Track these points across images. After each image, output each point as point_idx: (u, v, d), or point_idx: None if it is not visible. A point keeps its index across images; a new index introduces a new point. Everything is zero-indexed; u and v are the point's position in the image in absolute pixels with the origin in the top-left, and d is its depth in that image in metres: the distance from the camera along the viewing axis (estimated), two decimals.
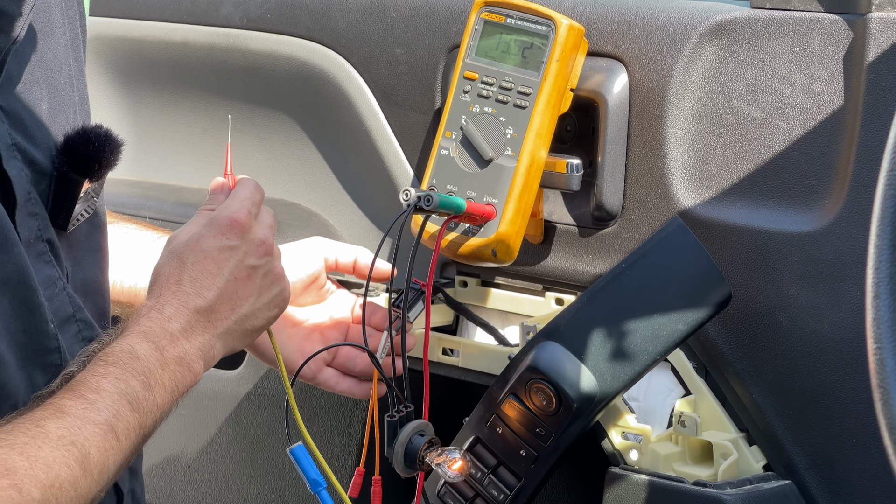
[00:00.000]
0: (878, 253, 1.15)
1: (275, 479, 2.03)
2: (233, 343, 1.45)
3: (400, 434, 1.54)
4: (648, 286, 1.58)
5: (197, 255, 1.44)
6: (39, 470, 1.20)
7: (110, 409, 1.28)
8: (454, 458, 1.54)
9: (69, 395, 1.28)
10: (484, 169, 1.67)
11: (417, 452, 1.53)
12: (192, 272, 1.43)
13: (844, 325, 1.54)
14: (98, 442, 1.25)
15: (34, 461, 1.20)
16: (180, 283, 1.42)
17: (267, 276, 1.48)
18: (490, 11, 1.69)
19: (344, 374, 1.72)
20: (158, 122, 2.17)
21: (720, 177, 1.63)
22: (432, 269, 1.60)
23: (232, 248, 1.45)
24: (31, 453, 1.20)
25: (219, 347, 1.43)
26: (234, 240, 1.46)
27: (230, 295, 1.44)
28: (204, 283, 1.43)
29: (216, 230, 1.46)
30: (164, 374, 1.35)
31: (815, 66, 1.58)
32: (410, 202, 1.54)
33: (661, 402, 1.69)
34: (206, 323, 1.41)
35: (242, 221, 1.47)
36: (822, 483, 1.59)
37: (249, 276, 1.46)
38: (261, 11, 2.01)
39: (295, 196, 2.05)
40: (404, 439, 1.53)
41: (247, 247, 1.47)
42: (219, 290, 1.43)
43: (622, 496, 1.62)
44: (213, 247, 1.45)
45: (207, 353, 1.41)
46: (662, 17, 1.67)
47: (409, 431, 1.54)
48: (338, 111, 1.95)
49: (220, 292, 1.43)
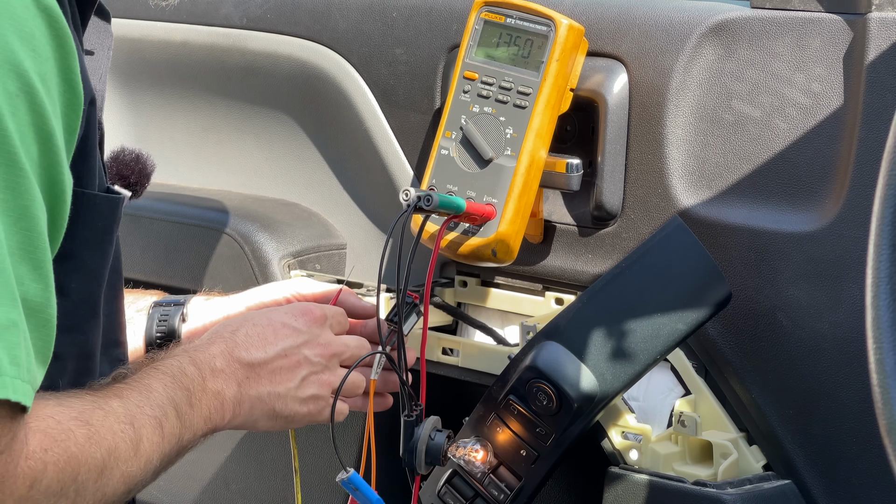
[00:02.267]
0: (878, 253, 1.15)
1: (275, 479, 2.03)
2: (256, 415, 1.48)
3: (419, 432, 1.54)
4: (648, 286, 1.58)
5: (262, 319, 1.51)
6: (106, 433, 1.25)
7: (161, 409, 1.33)
8: (476, 448, 1.56)
9: (126, 387, 1.33)
10: (484, 169, 1.67)
11: (440, 449, 1.54)
12: (250, 331, 1.50)
13: (844, 325, 1.54)
14: (149, 433, 1.31)
15: (101, 426, 1.25)
16: (234, 334, 1.48)
17: (314, 375, 1.53)
18: (490, 11, 1.69)
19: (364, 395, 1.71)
20: (158, 121, 2.17)
21: (720, 177, 1.63)
22: (432, 268, 1.60)
23: (295, 330, 1.52)
24: (99, 420, 1.25)
25: (245, 408, 1.46)
26: (300, 325, 1.53)
27: (274, 368, 1.49)
28: (256, 343, 1.49)
29: (290, 310, 1.54)
30: (203, 398, 1.41)
31: (815, 66, 1.58)
32: (410, 202, 1.54)
33: (661, 401, 1.69)
34: (243, 377, 1.46)
35: (316, 315, 1.54)
36: (822, 483, 1.59)
37: (299, 364, 1.51)
38: (261, 11, 2.01)
39: (295, 196, 2.05)
40: (425, 436, 1.54)
41: (309, 338, 1.53)
42: (266, 357, 1.49)
43: (622, 496, 1.62)
44: (279, 321, 1.52)
45: (236, 407, 1.45)
46: (662, 17, 1.67)
47: (428, 428, 1.55)
48: (338, 111, 1.95)
49: (266, 359, 1.49)
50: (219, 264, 2.00)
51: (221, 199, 2.06)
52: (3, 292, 1.14)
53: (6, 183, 1.15)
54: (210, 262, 2.01)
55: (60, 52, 1.20)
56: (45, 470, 1.17)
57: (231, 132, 2.10)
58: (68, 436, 1.21)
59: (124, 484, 1.27)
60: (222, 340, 1.47)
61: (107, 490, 1.24)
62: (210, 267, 2.01)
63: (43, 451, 1.18)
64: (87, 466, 1.21)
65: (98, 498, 1.23)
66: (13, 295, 1.14)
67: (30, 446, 1.17)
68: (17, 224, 1.15)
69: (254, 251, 1.97)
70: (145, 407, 1.32)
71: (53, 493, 1.18)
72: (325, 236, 2.00)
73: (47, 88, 1.18)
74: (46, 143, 1.18)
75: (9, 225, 1.15)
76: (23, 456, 1.16)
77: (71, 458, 1.20)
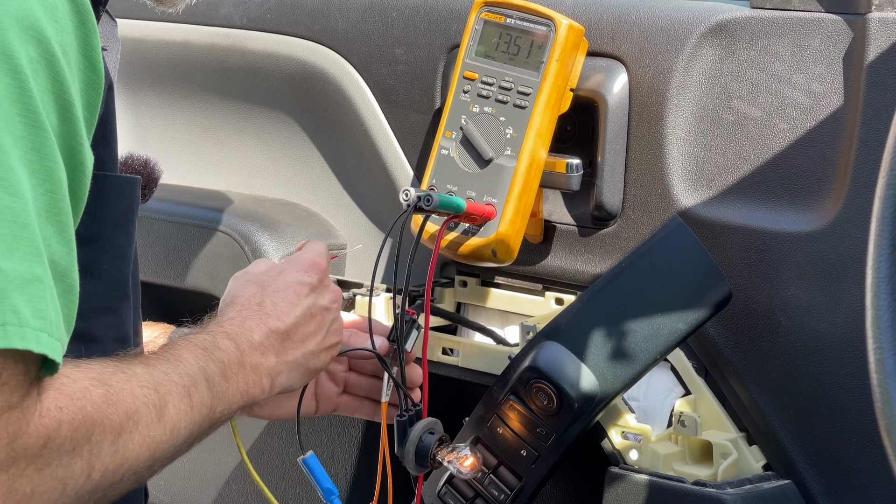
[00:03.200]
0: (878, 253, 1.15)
1: (275, 479, 2.03)
2: (292, 378, 1.48)
3: (410, 433, 1.54)
4: (648, 286, 1.58)
5: (279, 283, 1.51)
6: (126, 395, 1.23)
7: (190, 378, 1.32)
8: (465, 454, 1.55)
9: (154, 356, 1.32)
10: (484, 169, 1.67)
11: (429, 450, 1.54)
12: (274, 298, 1.49)
13: (844, 325, 1.54)
14: (175, 400, 1.29)
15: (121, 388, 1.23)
16: (262, 305, 1.48)
17: (334, 322, 1.54)
18: (490, 11, 1.69)
19: (361, 399, 1.71)
20: (158, 121, 2.17)
21: (720, 177, 1.63)
22: (432, 268, 1.60)
23: (311, 286, 1.53)
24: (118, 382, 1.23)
25: (283, 377, 1.47)
26: (313, 278, 1.53)
27: (303, 328, 1.50)
28: (284, 309, 1.49)
29: (298, 267, 1.54)
30: (240, 373, 1.40)
31: (815, 66, 1.58)
32: (410, 202, 1.54)
33: (661, 401, 1.69)
34: (279, 347, 1.46)
35: (322, 265, 1.55)
36: (822, 483, 1.59)
37: (322, 318, 1.52)
38: (261, 11, 2.01)
39: (295, 196, 2.05)
40: (415, 438, 1.54)
41: (323, 289, 1.54)
42: (296, 319, 1.49)
43: (622, 496, 1.62)
44: (295, 280, 1.52)
45: (275, 378, 1.45)
46: (662, 17, 1.67)
47: (419, 430, 1.54)
48: (338, 111, 1.95)
49: (296, 321, 1.49)
50: (219, 264, 2.00)
51: (221, 199, 2.06)
52: (29, 248, 1.12)
53: (32, 144, 1.14)
54: (210, 262, 2.01)
55: (82, 28, 1.20)
56: (59, 428, 1.15)
57: (231, 132, 2.10)
58: (84, 395, 1.18)
59: (148, 449, 1.24)
60: (253, 314, 1.47)
61: (128, 454, 1.22)
62: (210, 267, 2.01)
63: (57, 408, 1.15)
64: (102, 427, 1.19)
65: (118, 462, 1.21)
66: (39, 251, 1.13)
67: (44, 403, 1.15)
68: (42, 185, 1.14)
69: (254, 251, 1.97)
70: (172, 374, 1.30)
71: (66, 451, 1.16)
72: (325, 236, 2.00)
73: (67, 60, 1.18)
74: (65, 113, 1.18)
75: (36, 185, 1.14)
76: (37, 413, 1.14)
77: (86, 418, 1.18)
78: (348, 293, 1.90)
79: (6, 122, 1.12)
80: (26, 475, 1.13)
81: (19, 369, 1.12)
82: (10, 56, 1.12)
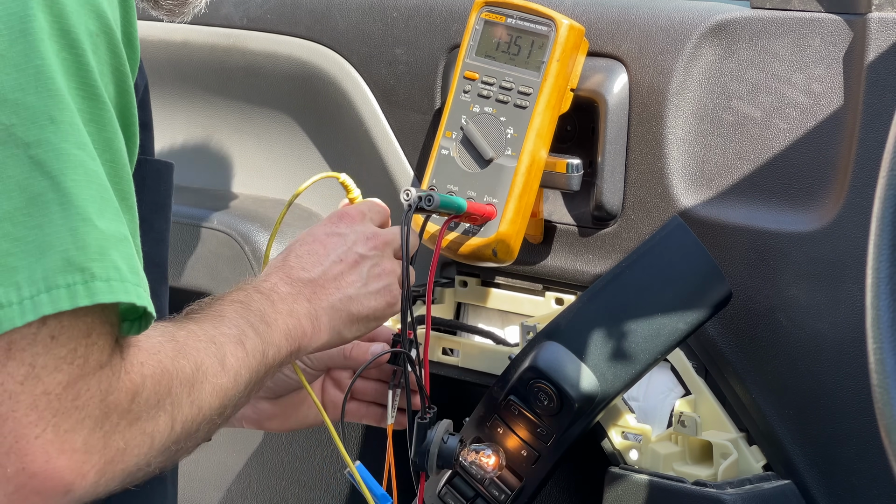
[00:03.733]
0: (878, 253, 1.15)
1: (275, 478, 2.03)
2: (339, 323, 1.49)
3: (432, 436, 1.54)
4: (649, 285, 1.58)
5: (305, 238, 1.52)
6: (191, 349, 1.26)
7: (238, 327, 1.34)
8: (488, 454, 1.56)
9: (198, 314, 1.35)
10: (484, 169, 1.67)
11: (453, 453, 1.54)
12: (299, 252, 1.50)
13: (844, 325, 1.54)
14: (231, 349, 1.31)
15: (185, 343, 1.26)
16: (286, 261, 1.49)
17: (375, 267, 1.53)
18: (490, 11, 1.69)
19: (368, 404, 1.70)
20: (159, 121, 2.16)
21: (720, 177, 1.64)
22: (433, 268, 1.60)
23: (341, 235, 1.53)
24: (182, 338, 1.26)
25: (325, 321, 1.47)
26: (343, 228, 1.54)
27: (336, 275, 1.50)
28: (309, 260, 1.50)
29: (327, 220, 1.55)
30: (278, 318, 1.41)
31: (815, 66, 1.58)
32: (411, 202, 1.54)
33: (661, 402, 1.69)
34: (310, 293, 1.47)
35: (353, 214, 1.55)
36: (822, 483, 1.59)
37: (357, 263, 1.52)
38: (261, 11, 2.01)
39: None
40: (437, 440, 1.54)
41: (356, 236, 1.53)
42: (324, 269, 1.49)
43: (622, 496, 1.62)
44: (322, 232, 1.53)
45: (315, 321, 1.46)
46: (662, 17, 1.67)
47: (440, 432, 1.55)
48: (338, 111, 1.95)
49: (325, 270, 1.49)
50: (219, 264, 2.00)
51: (221, 199, 2.06)
52: (114, 209, 1.15)
53: (91, 116, 1.15)
54: (210, 262, 2.01)
55: (124, 7, 1.22)
56: (144, 383, 1.18)
57: (231, 132, 2.10)
58: (159, 349, 1.21)
59: (217, 397, 1.27)
60: (277, 270, 1.48)
61: (202, 404, 1.25)
62: (210, 267, 2.01)
63: (140, 364, 1.18)
64: (178, 379, 1.22)
65: (194, 412, 1.24)
66: (119, 213, 1.15)
67: (128, 360, 1.17)
68: (103, 156, 1.16)
69: (254, 251, 1.97)
70: (222, 327, 1.33)
71: (152, 405, 1.19)
72: None
73: (118, 36, 1.20)
74: (122, 86, 1.20)
75: (97, 156, 1.15)
76: (123, 369, 1.16)
77: (165, 371, 1.21)
78: None
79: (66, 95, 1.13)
80: (119, 430, 1.16)
81: (107, 329, 1.15)
82: (68, 31, 1.14)
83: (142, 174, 1.31)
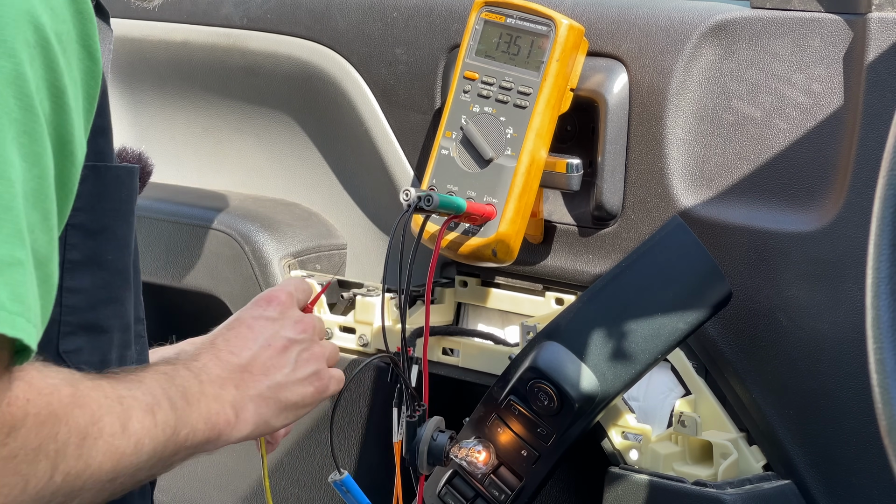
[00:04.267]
0: (878, 253, 1.15)
1: (275, 479, 2.03)
2: (266, 412, 1.43)
3: (421, 432, 1.54)
4: (649, 285, 1.58)
5: (233, 322, 1.46)
6: (91, 401, 1.21)
7: (153, 397, 1.29)
8: (478, 450, 1.55)
9: (115, 374, 1.30)
10: (484, 169, 1.67)
11: (443, 449, 1.54)
12: (226, 336, 1.45)
13: (844, 325, 1.54)
14: (139, 414, 1.26)
15: (87, 393, 1.21)
16: (214, 344, 1.43)
17: (304, 351, 1.47)
18: (490, 11, 1.69)
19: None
20: (159, 121, 2.17)
21: (720, 177, 1.64)
22: (432, 268, 1.60)
23: (269, 319, 1.47)
24: (85, 388, 1.21)
25: (251, 410, 1.41)
26: (272, 312, 1.47)
27: (264, 360, 1.44)
28: (237, 344, 1.44)
29: (254, 304, 1.48)
30: (202, 399, 1.36)
31: (815, 66, 1.58)
32: (411, 202, 1.54)
33: (661, 402, 1.69)
34: (238, 380, 1.41)
35: (282, 298, 1.49)
36: (822, 483, 1.59)
37: (286, 348, 1.46)
38: (261, 11, 2.01)
39: (295, 196, 2.05)
40: (427, 437, 1.54)
41: (285, 321, 1.47)
42: (252, 353, 1.43)
43: (622, 496, 1.62)
44: (250, 316, 1.47)
45: (240, 410, 1.40)
46: (662, 17, 1.67)
47: (430, 429, 1.54)
48: (338, 111, 1.95)
49: (253, 355, 1.43)
50: (219, 264, 2.00)
51: (221, 199, 2.06)
52: (11, 231, 1.10)
53: (24, 127, 1.13)
54: (210, 262, 2.01)
55: (79, 17, 1.19)
56: (26, 419, 1.13)
57: (231, 132, 2.10)
58: (52, 391, 1.17)
59: (111, 459, 1.22)
60: (206, 351, 1.43)
61: (91, 461, 1.20)
62: (210, 267, 2.01)
63: (25, 400, 1.14)
64: (68, 427, 1.17)
65: (81, 467, 1.19)
66: (22, 235, 1.11)
67: (13, 392, 1.13)
68: (31, 170, 1.13)
69: (254, 251, 1.97)
70: (135, 391, 1.27)
71: (32, 447, 1.14)
72: (326, 236, 2.00)
73: (63, 48, 1.17)
74: (58, 101, 1.17)
75: (25, 170, 1.12)
76: (5, 401, 1.12)
77: (52, 414, 1.16)
78: (348, 293, 1.90)
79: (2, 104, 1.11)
80: None
81: None
82: (5, 40, 1.12)
83: (102, 182, 1.28)
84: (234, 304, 1.98)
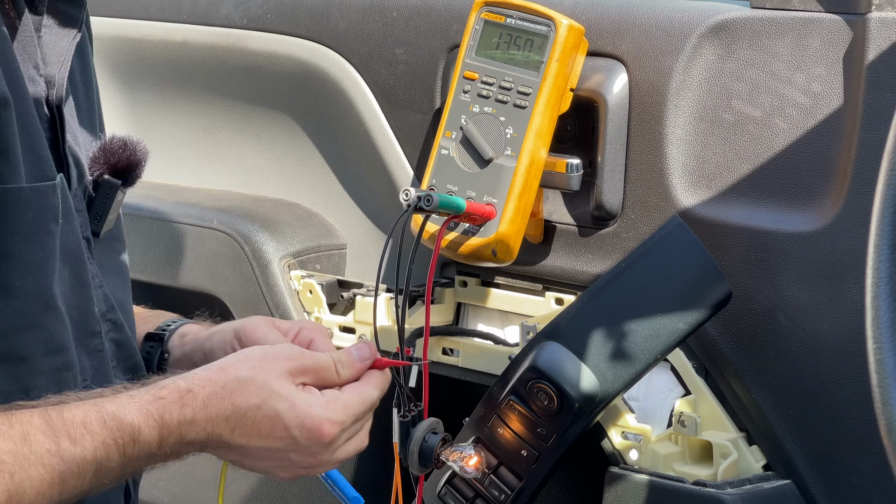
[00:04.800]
0: (878, 253, 1.15)
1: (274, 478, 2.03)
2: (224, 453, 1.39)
3: (414, 433, 1.54)
4: (648, 285, 1.58)
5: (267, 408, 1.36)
6: None
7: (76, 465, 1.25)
8: (469, 454, 1.54)
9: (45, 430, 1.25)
10: (484, 169, 1.67)
11: (433, 451, 1.53)
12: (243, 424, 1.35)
13: (844, 325, 1.54)
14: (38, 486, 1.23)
15: None
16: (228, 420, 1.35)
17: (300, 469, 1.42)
18: (490, 11, 1.69)
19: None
20: (159, 121, 2.17)
21: (720, 177, 1.64)
22: (432, 268, 1.60)
23: (292, 439, 1.37)
24: None
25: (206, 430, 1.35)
26: (301, 437, 1.37)
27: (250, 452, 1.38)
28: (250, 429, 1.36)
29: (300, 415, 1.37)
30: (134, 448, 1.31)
31: (815, 66, 1.58)
32: (410, 202, 1.54)
33: (661, 402, 1.69)
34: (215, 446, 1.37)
35: (326, 439, 1.38)
36: (822, 483, 1.59)
37: (279, 463, 1.40)
38: (261, 11, 2.01)
39: (295, 196, 2.05)
40: (419, 438, 1.53)
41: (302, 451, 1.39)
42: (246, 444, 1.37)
43: (622, 496, 1.62)
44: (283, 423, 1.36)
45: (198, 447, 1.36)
46: (662, 17, 1.67)
47: (422, 430, 1.54)
48: (338, 111, 1.95)
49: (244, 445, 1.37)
50: (219, 264, 2.00)
51: (221, 199, 2.06)
52: None
53: None
54: (210, 262, 2.01)
55: None
56: None
57: (231, 132, 2.10)
58: None
59: None
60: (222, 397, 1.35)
61: None
62: (210, 267, 2.01)
63: None
64: None
65: None
66: None
67: None
68: None
69: (254, 251, 1.97)
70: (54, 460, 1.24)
71: None
72: (325, 236, 2.00)
73: None
74: None
75: None
76: None
77: None
78: (348, 293, 1.90)
79: None
80: None
81: None
82: None
83: (2, 204, 1.25)
84: (234, 303, 1.99)
